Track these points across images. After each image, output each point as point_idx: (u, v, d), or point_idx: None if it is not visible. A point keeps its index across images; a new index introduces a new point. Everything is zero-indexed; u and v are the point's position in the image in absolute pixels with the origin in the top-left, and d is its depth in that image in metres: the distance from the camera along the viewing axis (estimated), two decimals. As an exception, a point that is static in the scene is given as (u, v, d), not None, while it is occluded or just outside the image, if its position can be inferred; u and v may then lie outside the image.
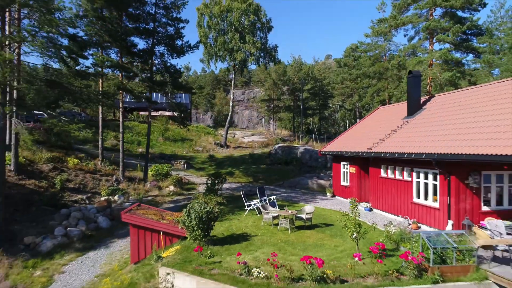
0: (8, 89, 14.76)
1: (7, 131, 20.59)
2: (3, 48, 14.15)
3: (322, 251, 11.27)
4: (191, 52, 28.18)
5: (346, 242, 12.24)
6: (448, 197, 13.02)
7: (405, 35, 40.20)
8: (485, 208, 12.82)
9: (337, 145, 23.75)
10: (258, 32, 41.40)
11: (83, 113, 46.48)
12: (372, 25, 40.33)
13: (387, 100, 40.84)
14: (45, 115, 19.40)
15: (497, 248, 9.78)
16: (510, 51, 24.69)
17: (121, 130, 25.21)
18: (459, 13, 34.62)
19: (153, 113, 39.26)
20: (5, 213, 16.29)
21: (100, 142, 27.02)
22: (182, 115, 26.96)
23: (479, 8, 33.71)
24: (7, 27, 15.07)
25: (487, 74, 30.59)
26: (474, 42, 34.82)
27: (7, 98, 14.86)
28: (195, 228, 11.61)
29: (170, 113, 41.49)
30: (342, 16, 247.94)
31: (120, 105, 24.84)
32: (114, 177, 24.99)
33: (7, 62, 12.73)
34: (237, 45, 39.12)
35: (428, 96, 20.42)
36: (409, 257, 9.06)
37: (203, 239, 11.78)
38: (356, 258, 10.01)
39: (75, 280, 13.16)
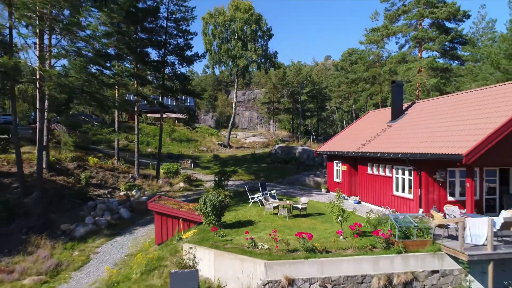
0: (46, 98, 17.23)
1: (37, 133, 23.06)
2: (43, 65, 16.63)
3: (314, 233, 13.63)
4: (199, 61, 30.60)
5: (334, 226, 14.66)
6: (420, 190, 15.46)
7: (396, 43, 42.78)
8: (450, 199, 15.24)
9: (331, 146, 26.20)
10: (260, 40, 43.96)
11: (93, 115, 48.95)
12: (366, 33, 42.79)
13: (379, 104, 43.27)
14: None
15: (449, 226, 12.23)
16: (487, 60, 27.01)
17: (136, 132, 27.69)
18: (447, 23, 37.19)
19: (157, 115, 41.58)
20: (43, 204, 18.78)
21: (116, 143, 29.49)
22: (191, 118, 29.39)
23: (464, 19, 36.22)
24: (46, 45, 17.54)
25: (469, 81, 32.94)
26: (459, 50, 37.31)
27: (46, 106, 17.32)
28: (210, 214, 14.08)
29: (177, 115, 43.96)
30: (342, 16, 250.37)
31: (136, 109, 27.31)
32: (130, 174, 27.48)
33: (51, 77, 15.18)
34: (239, 52, 41.64)
35: (410, 103, 22.88)
36: (380, 234, 11.53)
37: (216, 223, 14.22)
38: (340, 237, 12.47)
39: (108, 258, 15.64)
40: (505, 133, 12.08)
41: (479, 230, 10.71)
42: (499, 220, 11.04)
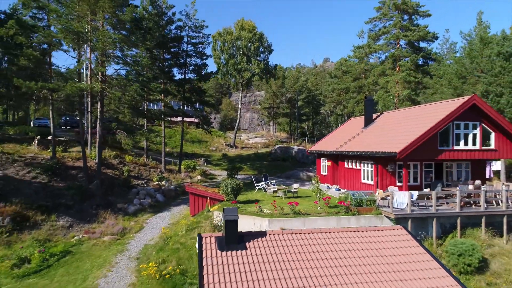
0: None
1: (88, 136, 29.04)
2: (110, 88, 22.56)
3: (300, 205, 19.65)
4: (213, 77, 36.58)
5: (317, 204, 20.61)
6: (377, 177, 21.38)
7: (378, 58, 48.56)
8: (398, 184, 21.15)
9: (319, 146, 32.09)
10: (261, 55, 49.91)
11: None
12: (353, 49, 48.73)
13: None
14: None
15: (387, 198, 18.13)
16: (444, 77, 32.64)
17: (163, 135, 33.63)
18: (421, 43, 43.08)
19: (174, 119, 47.47)
20: (102, 190, 24.73)
21: (145, 144, 35.46)
22: (207, 123, 35.34)
23: (433, 40, 42.17)
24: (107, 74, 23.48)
25: (433, 94, 38.71)
26: (432, 63, 43.22)
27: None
28: (229, 193, 20.02)
29: (190, 120, 49.97)
30: (342, 16, 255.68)
31: (163, 117, 33.25)
32: (158, 169, 33.45)
33: (117, 98, 21.13)
34: (244, 66, 47.61)
35: (379, 113, 28.81)
36: (342, 203, 17.48)
37: (234, 199, 20.16)
38: (318, 207, 18.39)
39: (156, 226, 21.58)
40: (423, 140, 17.99)
41: (402, 199, 16.68)
42: (415, 193, 16.99)
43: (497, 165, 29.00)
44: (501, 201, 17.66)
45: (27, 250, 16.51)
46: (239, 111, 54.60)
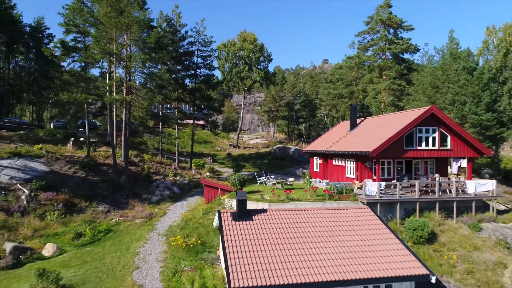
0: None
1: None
2: (137, 98, 26.89)
3: (294, 194, 23.98)
4: (220, 87, 40.92)
5: (306, 193, 24.93)
6: (357, 172, 25.69)
7: (368, 66, 52.87)
8: (374, 177, 25.45)
9: (312, 146, 36.37)
10: (262, 64, 54.26)
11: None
12: (345, 59, 53.08)
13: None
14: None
15: (363, 188, 22.44)
16: (420, 86, 37.01)
17: (177, 136, 37.97)
18: (405, 54, 47.48)
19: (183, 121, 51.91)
20: (129, 183, 29.06)
21: (160, 144, 39.79)
22: (215, 126, 39.68)
23: (415, 52, 46.56)
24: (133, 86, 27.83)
25: (413, 101, 43.07)
26: (413, 74, 47.56)
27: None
28: (237, 184, 24.32)
29: (198, 122, 54.29)
30: (342, 16, 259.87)
31: (176, 121, 37.56)
32: (172, 166, 37.78)
33: (144, 107, 25.45)
34: (246, 74, 51.98)
35: (363, 118, 33.13)
36: (326, 191, 21.83)
37: (241, 189, 24.46)
38: (308, 195, 22.71)
39: (176, 212, 25.88)
40: (391, 142, 22.30)
41: (372, 188, 21.03)
42: (383, 184, 21.35)
43: (464, 163, 33.28)
44: (453, 190, 22.03)
45: (80, 228, 20.84)
46: (241, 115, 58.96)
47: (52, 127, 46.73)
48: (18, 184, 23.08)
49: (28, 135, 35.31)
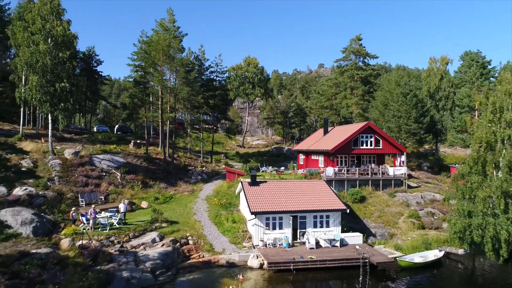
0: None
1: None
2: (181, 116, 39.33)
3: (284, 176, 36.38)
4: (232, 103, 53.36)
5: (291, 176, 37.35)
6: (324, 163, 38.10)
7: (345, 85, 65.32)
8: (335, 167, 37.87)
9: (299, 146, 48.76)
10: (262, 83, 66.74)
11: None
12: (326, 80, 65.53)
13: (334, 122, 66.16)
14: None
15: (324, 171, 34.82)
16: (376, 103, 49.76)
17: (201, 137, 50.38)
18: (370, 78, 59.97)
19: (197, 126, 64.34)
20: (175, 171, 41.47)
21: (189, 146, 52.17)
22: (230, 131, 52.09)
23: (377, 76, 59.07)
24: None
25: (372, 114, 55.56)
26: (376, 92, 60.04)
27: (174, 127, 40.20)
28: (248, 170, 36.71)
29: (209, 126, 66.61)
30: (340, 16, 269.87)
31: (201, 128, 49.81)
32: (198, 160, 50.20)
33: (188, 121, 37.87)
34: (250, 91, 64.42)
35: (333, 127, 45.58)
36: (303, 174, 34.29)
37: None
38: (292, 176, 35.13)
39: (208, 188, 38.15)
40: (343, 143, 34.69)
41: (329, 172, 33.53)
42: (336, 169, 33.92)
43: (403, 158, 45.75)
44: (379, 174, 34.59)
45: (155, 195, 33.25)
46: (246, 121, 71.38)
47: (95, 130, 59.38)
48: (113, 169, 35.44)
49: (90, 138, 47.64)
